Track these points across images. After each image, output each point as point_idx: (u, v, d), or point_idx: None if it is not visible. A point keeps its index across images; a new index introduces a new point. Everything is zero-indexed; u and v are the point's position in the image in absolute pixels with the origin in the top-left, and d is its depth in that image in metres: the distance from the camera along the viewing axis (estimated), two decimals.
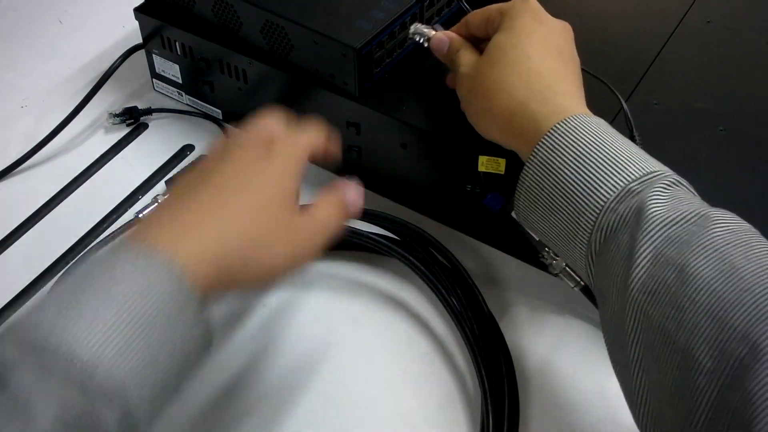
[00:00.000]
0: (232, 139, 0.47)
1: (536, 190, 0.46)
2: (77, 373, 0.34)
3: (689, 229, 0.39)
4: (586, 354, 0.55)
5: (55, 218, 0.65)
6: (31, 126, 0.72)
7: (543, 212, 0.46)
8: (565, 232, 0.45)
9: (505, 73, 0.50)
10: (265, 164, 0.44)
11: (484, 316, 0.54)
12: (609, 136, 0.45)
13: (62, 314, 0.35)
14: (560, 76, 0.50)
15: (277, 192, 0.43)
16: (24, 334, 0.35)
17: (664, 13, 0.67)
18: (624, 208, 0.42)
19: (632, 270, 0.40)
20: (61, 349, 0.34)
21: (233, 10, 0.62)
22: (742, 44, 0.64)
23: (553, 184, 0.45)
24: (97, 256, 0.39)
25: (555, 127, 0.45)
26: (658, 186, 0.42)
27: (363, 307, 0.58)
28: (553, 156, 0.45)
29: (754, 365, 0.33)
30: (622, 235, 0.41)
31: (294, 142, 0.46)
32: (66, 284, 0.38)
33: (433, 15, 0.63)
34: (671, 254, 0.39)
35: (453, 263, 0.57)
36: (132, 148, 0.70)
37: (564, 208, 0.44)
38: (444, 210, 0.62)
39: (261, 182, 0.43)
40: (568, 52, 0.52)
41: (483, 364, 0.51)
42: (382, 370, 0.54)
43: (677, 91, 0.60)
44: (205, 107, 0.71)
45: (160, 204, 0.46)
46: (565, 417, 0.52)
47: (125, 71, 0.72)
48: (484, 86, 0.51)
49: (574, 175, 0.44)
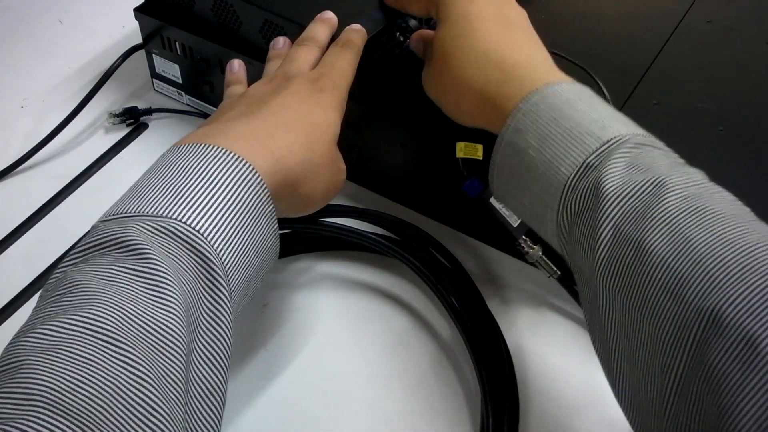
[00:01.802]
0: (282, 70, 0.51)
1: (507, 172, 0.46)
2: (199, 260, 0.37)
3: (645, 201, 0.38)
4: (586, 354, 0.55)
5: (55, 218, 0.65)
6: (31, 126, 0.72)
7: (515, 193, 0.46)
8: (536, 212, 0.45)
9: (458, 67, 0.49)
10: (317, 99, 0.48)
11: (484, 316, 0.54)
12: (569, 106, 0.43)
13: (175, 203, 0.38)
14: (512, 46, 0.48)
15: (329, 126, 0.48)
16: (145, 220, 0.37)
17: (664, 13, 0.67)
18: (583, 185, 0.41)
19: (596, 249, 0.39)
20: (185, 235, 0.37)
21: (233, 9, 0.62)
22: (742, 44, 0.64)
23: (520, 165, 0.44)
24: (176, 151, 0.42)
25: (517, 108, 0.45)
26: (615, 156, 0.40)
27: (363, 307, 0.58)
28: (518, 137, 0.44)
29: (711, 339, 0.33)
30: (584, 213, 0.41)
31: (338, 75, 0.50)
32: (159, 176, 0.40)
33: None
34: (628, 230, 0.38)
35: (453, 263, 0.57)
36: (132, 148, 0.70)
37: (532, 189, 0.44)
38: (444, 210, 0.62)
39: (317, 116, 0.47)
40: (511, 14, 0.51)
41: (483, 364, 0.51)
42: (382, 369, 0.54)
43: (677, 91, 0.60)
44: (205, 107, 0.71)
45: (215, 114, 0.49)
46: (564, 417, 0.52)
47: (125, 71, 0.72)
48: (443, 84, 0.51)
49: (537, 155, 0.43)
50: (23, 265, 0.61)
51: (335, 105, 0.49)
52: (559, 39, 0.63)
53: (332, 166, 0.48)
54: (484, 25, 0.49)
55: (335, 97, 0.49)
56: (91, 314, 0.33)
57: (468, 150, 0.55)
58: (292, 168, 0.44)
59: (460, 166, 0.55)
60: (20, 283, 0.60)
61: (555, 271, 0.55)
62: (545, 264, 0.55)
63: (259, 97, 0.48)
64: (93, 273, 0.35)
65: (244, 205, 0.40)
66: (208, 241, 0.38)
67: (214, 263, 0.37)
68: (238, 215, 0.40)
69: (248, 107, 0.47)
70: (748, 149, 0.56)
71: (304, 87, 0.48)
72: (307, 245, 0.61)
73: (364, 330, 0.57)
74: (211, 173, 0.40)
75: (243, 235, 0.40)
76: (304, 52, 0.53)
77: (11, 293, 0.59)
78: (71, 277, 0.35)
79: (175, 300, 0.35)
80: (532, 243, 0.55)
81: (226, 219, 0.39)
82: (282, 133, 0.45)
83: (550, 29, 0.65)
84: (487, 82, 0.47)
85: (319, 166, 0.46)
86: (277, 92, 0.48)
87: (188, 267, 0.37)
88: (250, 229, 0.40)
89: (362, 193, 0.65)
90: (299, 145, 0.45)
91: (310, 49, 0.53)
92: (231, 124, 0.45)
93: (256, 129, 0.44)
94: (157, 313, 0.34)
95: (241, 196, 0.40)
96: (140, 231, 0.37)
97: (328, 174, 0.48)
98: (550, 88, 0.45)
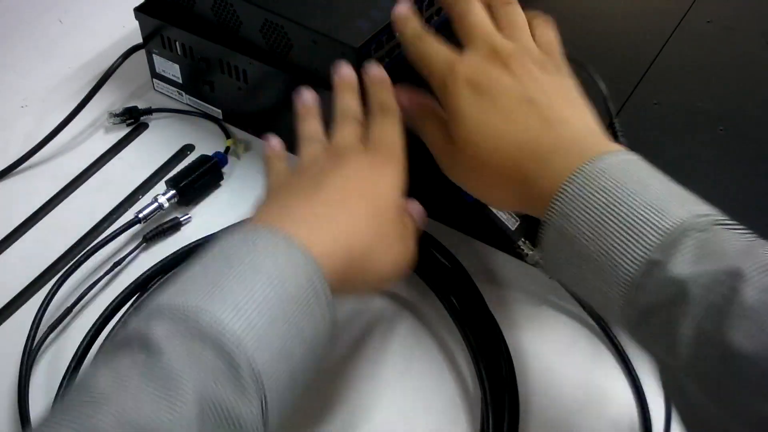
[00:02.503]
0: (338, 140, 0.49)
1: (557, 256, 0.42)
2: (223, 358, 0.35)
3: (722, 294, 0.35)
4: (587, 354, 0.55)
5: (55, 218, 0.65)
6: (31, 126, 0.72)
7: (569, 277, 0.43)
8: (595, 299, 0.42)
9: (486, 152, 0.45)
10: (379, 172, 0.46)
11: (484, 316, 0.54)
12: (619, 188, 0.40)
13: (209, 296, 0.36)
14: (544, 120, 0.45)
15: (391, 200, 0.46)
16: (174, 314, 0.36)
17: (664, 13, 0.67)
18: (651, 284, 0.38)
19: (677, 349, 0.36)
20: (211, 332, 0.35)
21: (233, 9, 0.62)
22: (742, 44, 0.64)
23: (572, 252, 0.41)
24: (227, 238, 0.40)
25: (562, 190, 0.41)
26: (682, 248, 0.37)
27: (362, 306, 0.58)
28: (566, 224, 0.41)
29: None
30: (657, 311, 0.37)
31: (392, 145, 0.48)
32: (204, 265, 0.39)
33: (432, 15, 0.63)
34: (710, 329, 0.35)
35: (453, 263, 0.57)
36: (132, 148, 0.70)
37: (588, 278, 0.41)
38: (444, 210, 0.62)
39: (379, 190, 0.46)
40: (537, 85, 0.46)
41: (483, 364, 0.51)
42: (382, 370, 0.54)
43: (677, 91, 0.60)
44: (205, 107, 0.71)
45: (272, 193, 0.48)
46: (565, 417, 0.52)
47: (125, 71, 0.72)
48: (472, 170, 0.47)
49: (591, 245, 0.40)
50: (23, 265, 0.61)
51: (396, 174, 0.47)
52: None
53: (399, 237, 0.46)
54: (504, 114, 0.45)
55: (395, 165, 0.47)
56: (95, 424, 0.32)
57: None
58: (355, 247, 0.42)
59: None
60: (20, 283, 0.60)
61: None
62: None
63: (319, 171, 0.46)
64: (109, 374, 0.34)
65: (288, 296, 0.38)
66: (238, 337, 0.35)
67: (239, 363, 0.35)
68: (278, 308, 0.37)
69: (309, 182, 0.45)
70: (748, 149, 0.56)
71: (364, 159, 0.46)
72: None
73: (363, 330, 0.56)
74: (259, 262, 0.38)
75: (283, 328, 0.37)
76: (348, 129, 0.49)
77: (11, 293, 0.59)
78: (89, 380, 0.34)
79: (184, 402, 0.33)
80: (531, 245, 0.54)
81: (263, 313, 0.37)
82: (344, 211, 0.43)
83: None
84: (522, 165, 0.44)
85: (385, 240, 0.44)
86: (337, 165, 0.46)
87: (211, 366, 0.35)
88: (295, 320, 0.38)
89: None
90: (364, 223, 0.43)
91: (352, 124, 0.50)
92: (291, 204, 0.43)
93: (316, 209, 0.43)
94: (163, 416, 0.33)
95: (287, 287, 0.38)
96: (165, 327, 0.35)
97: (395, 246, 0.45)
98: (596, 166, 0.41)
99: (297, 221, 0.41)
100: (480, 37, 0.48)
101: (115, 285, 0.59)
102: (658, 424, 0.50)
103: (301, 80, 0.61)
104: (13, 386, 0.52)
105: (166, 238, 0.62)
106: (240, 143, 0.69)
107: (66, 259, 0.61)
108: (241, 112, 0.69)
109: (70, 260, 0.60)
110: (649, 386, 0.52)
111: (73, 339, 0.54)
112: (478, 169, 0.46)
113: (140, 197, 0.66)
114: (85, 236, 0.63)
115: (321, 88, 0.60)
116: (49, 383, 0.53)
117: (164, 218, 0.63)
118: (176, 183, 0.63)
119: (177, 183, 0.63)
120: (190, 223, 0.63)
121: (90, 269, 0.60)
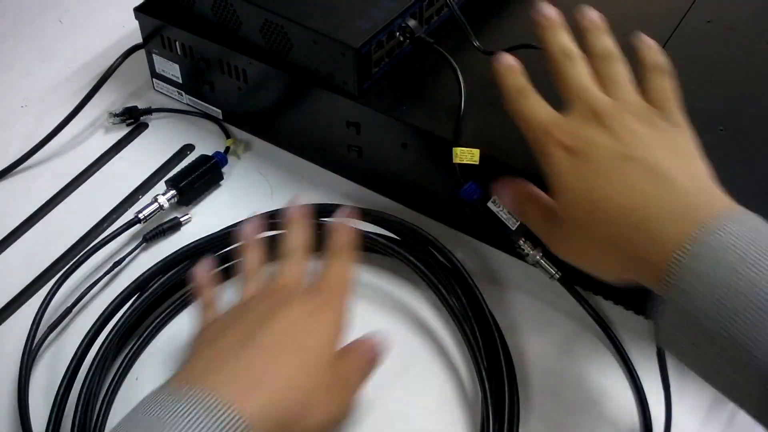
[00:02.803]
0: (280, 281, 0.47)
1: (677, 336, 0.39)
2: None
3: None
4: (587, 354, 0.55)
5: (55, 218, 0.65)
6: (31, 126, 0.72)
7: (691, 357, 0.39)
8: (726, 387, 0.38)
9: (594, 229, 0.42)
10: (316, 319, 0.44)
11: (484, 316, 0.54)
12: (742, 261, 0.36)
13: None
14: (653, 186, 0.41)
15: (328, 351, 0.44)
16: None
17: (664, 13, 0.67)
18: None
19: None
20: None
21: (233, 9, 0.62)
22: (742, 44, 0.64)
23: (694, 333, 0.37)
24: (153, 401, 0.38)
25: (677, 262, 0.37)
26: None
27: (363, 307, 0.58)
28: (687, 302, 0.37)
29: None
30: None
31: (337, 289, 0.47)
32: (136, 421, 0.37)
33: (432, 15, 0.63)
34: None
35: (453, 263, 0.57)
36: (132, 148, 0.70)
37: (716, 364, 0.37)
38: (444, 210, 0.62)
39: (314, 341, 0.43)
40: (640, 144, 0.43)
41: (483, 364, 0.51)
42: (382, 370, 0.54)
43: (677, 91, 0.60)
44: (205, 107, 0.71)
45: (202, 347, 0.44)
46: (565, 417, 0.52)
47: (125, 71, 0.72)
48: (582, 248, 0.45)
49: (717, 328, 0.36)
50: (23, 265, 0.61)
51: (337, 323, 0.45)
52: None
53: (337, 388, 0.44)
54: (605, 164, 0.42)
55: (336, 313, 0.46)
56: None
57: (464, 155, 0.54)
58: (288, 405, 0.40)
59: (457, 172, 0.55)
60: (20, 283, 0.60)
61: (555, 272, 0.55)
62: (546, 265, 0.55)
63: (255, 320, 0.43)
64: None
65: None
66: None
67: None
68: None
69: (242, 335, 0.42)
70: (748, 149, 0.56)
71: (303, 308, 0.44)
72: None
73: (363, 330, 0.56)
74: (186, 425, 0.36)
75: None
76: (293, 268, 0.48)
77: (11, 293, 0.59)
78: None
79: None
80: (532, 245, 0.54)
81: None
82: (279, 367, 0.41)
83: None
84: (626, 231, 0.41)
85: (319, 395, 0.42)
86: (272, 315, 0.43)
87: None
88: None
89: (362, 193, 0.65)
90: (298, 377, 0.41)
91: (298, 262, 0.48)
92: (221, 360, 0.41)
93: (249, 365, 0.40)
94: None
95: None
96: None
97: (332, 398, 0.43)
98: (715, 236, 0.37)
99: (228, 379, 0.39)
100: (579, 98, 0.46)
101: (115, 285, 0.59)
102: (659, 423, 0.50)
103: (301, 80, 0.61)
104: (13, 386, 0.52)
105: (166, 237, 0.62)
106: (240, 143, 0.69)
107: (66, 259, 0.61)
108: (241, 112, 0.69)
109: (70, 260, 0.60)
110: (649, 386, 0.52)
111: (73, 339, 0.54)
112: (579, 238, 0.43)
113: (140, 197, 0.66)
114: (85, 236, 0.63)
115: (320, 88, 0.61)
116: (49, 383, 0.53)
117: (164, 218, 0.63)
118: (176, 183, 0.63)
119: (177, 183, 0.63)
120: (190, 222, 0.63)
121: (90, 269, 0.60)
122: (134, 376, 0.54)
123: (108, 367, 0.53)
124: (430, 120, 0.57)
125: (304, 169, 0.67)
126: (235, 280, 0.58)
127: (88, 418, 0.50)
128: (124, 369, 0.53)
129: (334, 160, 0.66)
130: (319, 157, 0.67)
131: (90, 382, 0.51)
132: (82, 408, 0.50)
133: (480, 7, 0.66)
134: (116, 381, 0.53)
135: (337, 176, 0.66)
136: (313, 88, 0.61)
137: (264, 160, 0.68)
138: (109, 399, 0.52)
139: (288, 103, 0.65)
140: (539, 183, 0.51)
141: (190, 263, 0.57)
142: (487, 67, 0.51)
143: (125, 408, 0.52)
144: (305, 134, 0.66)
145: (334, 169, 0.66)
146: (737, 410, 0.52)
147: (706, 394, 0.52)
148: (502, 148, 0.55)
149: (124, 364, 0.53)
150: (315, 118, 0.63)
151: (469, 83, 0.57)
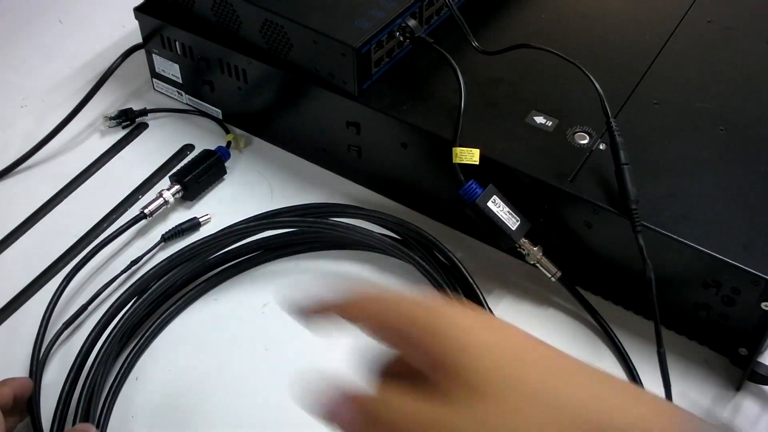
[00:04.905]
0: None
1: None
2: None
3: None
4: (587, 354, 0.55)
5: (55, 218, 0.65)
6: (31, 126, 0.72)
7: None
8: None
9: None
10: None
11: None
12: None
13: None
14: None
15: None
16: None
17: (664, 13, 0.67)
18: None
19: None
20: None
21: (232, 9, 0.62)
22: (742, 44, 0.64)
23: None
24: None
25: None
26: None
27: None
28: None
29: None
30: None
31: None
32: None
33: (432, 15, 0.63)
34: None
35: (453, 263, 0.57)
36: (132, 148, 0.70)
37: None
38: (444, 210, 0.62)
39: None
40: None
41: None
42: None
43: (677, 91, 0.60)
44: (205, 107, 0.71)
45: None
46: None
47: (125, 71, 0.72)
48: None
49: None
50: (23, 265, 0.61)
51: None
52: (559, 39, 0.63)
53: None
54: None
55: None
56: None
57: (464, 155, 0.55)
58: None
59: (457, 172, 0.55)
60: (20, 283, 0.60)
61: (556, 272, 0.55)
62: (546, 264, 0.55)
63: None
64: None
65: None
66: None
67: None
68: None
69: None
70: (748, 149, 0.56)
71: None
72: (310, 245, 0.61)
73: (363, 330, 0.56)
74: None
75: None
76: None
77: (11, 293, 0.59)
78: None
79: None
80: (532, 245, 0.55)
81: None
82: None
83: (550, 29, 0.65)
84: None
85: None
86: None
87: None
88: None
89: (362, 193, 0.65)
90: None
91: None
92: None
93: None
94: None
95: None
96: None
97: None
98: None
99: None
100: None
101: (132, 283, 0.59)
102: None
103: (301, 80, 0.61)
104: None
105: (185, 237, 0.62)
106: (240, 138, 0.69)
107: (66, 259, 0.61)
108: (240, 111, 0.69)
109: (70, 260, 0.60)
110: (649, 386, 0.52)
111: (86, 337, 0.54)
112: None
113: (140, 197, 0.66)
114: (85, 236, 0.63)
115: (320, 88, 0.61)
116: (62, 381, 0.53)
117: (170, 213, 0.63)
118: (181, 177, 0.63)
119: (181, 177, 0.63)
120: (209, 223, 0.63)
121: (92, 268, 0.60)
122: (134, 376, 0.54)
123: (110, 366, 0.53)
124: (430, 120, 0.57)
125: (304, 169, 0.67)
126: (247, 286, 0.58)
127: (90, 417, 0.50)
128: (126, 369, 0.54)
129: (334, 160, 0.66)
130: (319, 157, 0.67)
131: (92, 380, 0.51)
132: (84, 406, 0.50)
133: (480, 7, 0.66)
134: (119, 380, 0.53)
135: (337, 176, 0.66)
136: (313, 87, 0.61)
137: (264, 160, 0.68)
138: (111, 398, 0.52)
139: (288, 102, 0.65)
140: (537, 184, 0.51)
141: (189, 265, 0.57)
142: (487, 67, 0.52)
143: (126, 407, 0.52)
144: (305, 134, 0.66)
145: (334, 169, 0.66)
146: (737, 410, 0.52)
147: (706, 394, 0.52)
148: (502, 148, 0.55)
149: (125, 364, 0.54)
150: (315, 118, 0.64)
151: (469, 83, 0.57)
